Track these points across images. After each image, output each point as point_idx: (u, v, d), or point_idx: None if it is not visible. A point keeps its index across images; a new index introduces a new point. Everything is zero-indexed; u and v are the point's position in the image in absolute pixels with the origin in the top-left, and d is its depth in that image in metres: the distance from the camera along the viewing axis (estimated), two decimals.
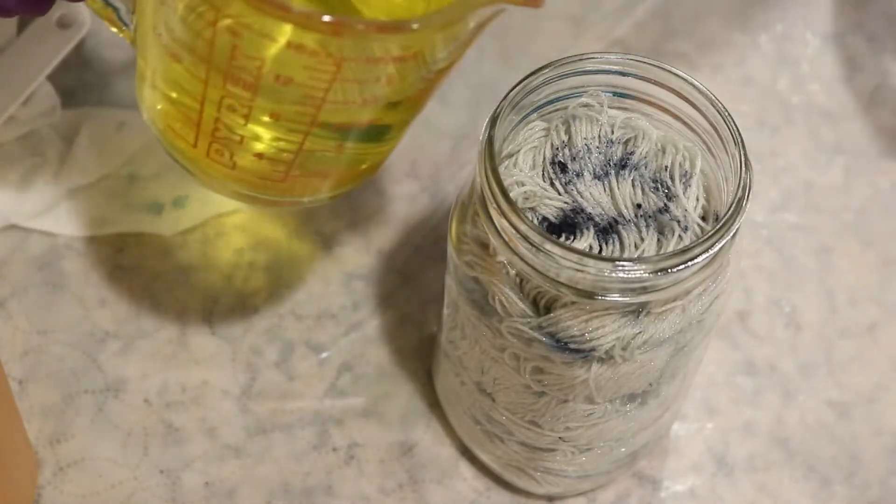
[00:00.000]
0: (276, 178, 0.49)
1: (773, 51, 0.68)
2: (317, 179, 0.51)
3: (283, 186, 0.50)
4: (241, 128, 0.47)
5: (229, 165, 0.49)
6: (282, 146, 0.48)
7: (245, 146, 0.48)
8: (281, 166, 0.49)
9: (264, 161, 0.48)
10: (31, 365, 0.57)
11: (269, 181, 0.49)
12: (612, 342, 0.45)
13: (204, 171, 0.50)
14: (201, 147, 0.49)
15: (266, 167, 0.49)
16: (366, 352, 0.58)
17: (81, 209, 0.60)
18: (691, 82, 0.46)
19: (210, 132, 0.48)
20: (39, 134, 0.61)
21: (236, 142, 0.48)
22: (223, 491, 0.54)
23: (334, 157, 0.49)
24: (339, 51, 0.43)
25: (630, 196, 0.46)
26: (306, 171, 0.50)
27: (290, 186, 0.50)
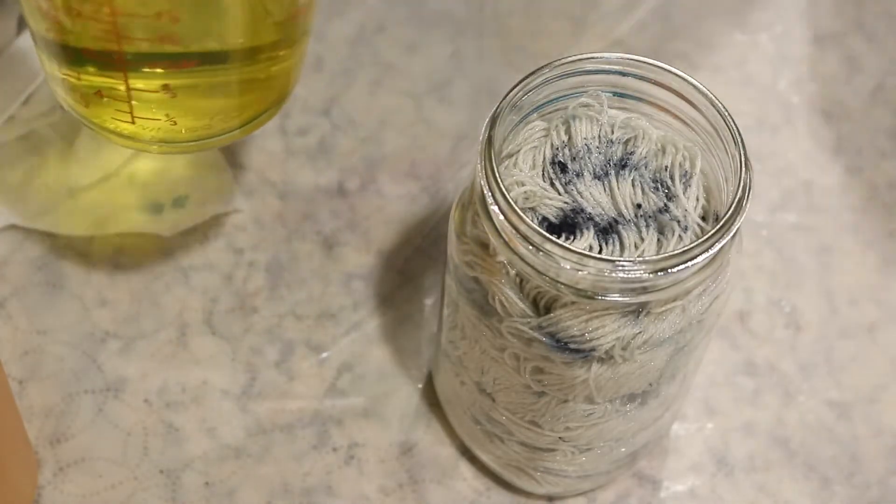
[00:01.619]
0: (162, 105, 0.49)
1: (773, 51, 0.68)
2: (206, 102, 0.51)
3: (181, 116, 0.50)
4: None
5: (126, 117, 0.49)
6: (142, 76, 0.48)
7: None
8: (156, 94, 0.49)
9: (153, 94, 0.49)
10: (31, 365, 0.57)
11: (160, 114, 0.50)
12: (612, 342, 0.45)
13: (93, 115, 0.51)
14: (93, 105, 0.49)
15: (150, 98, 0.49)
16: (366, 352, 0.58)
17: (81, 209, 0.60)
18: (691, 82, 0.46)
19: (86, 84, 0.48)
20: (39, 134, 0.61)
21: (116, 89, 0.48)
22: (223, 491, 0.54)
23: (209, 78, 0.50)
24: None
25: (630, 196, 0.46)
26: (191, 94, 0.50)
27: (184, 112, 0.50)
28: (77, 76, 0.50)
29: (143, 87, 0.49)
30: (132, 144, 0.53)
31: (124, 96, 0.50)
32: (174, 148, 0.53)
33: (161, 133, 0.51)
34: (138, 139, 0.52)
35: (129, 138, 0.52)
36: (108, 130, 0.52)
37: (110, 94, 0.50)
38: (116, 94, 0.49)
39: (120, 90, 0.49)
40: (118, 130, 0.52)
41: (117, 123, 0.51)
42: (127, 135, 0.52)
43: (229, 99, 0.52)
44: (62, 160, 0.60)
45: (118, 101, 0.50)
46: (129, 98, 0.50)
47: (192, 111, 0.51)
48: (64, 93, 0.51)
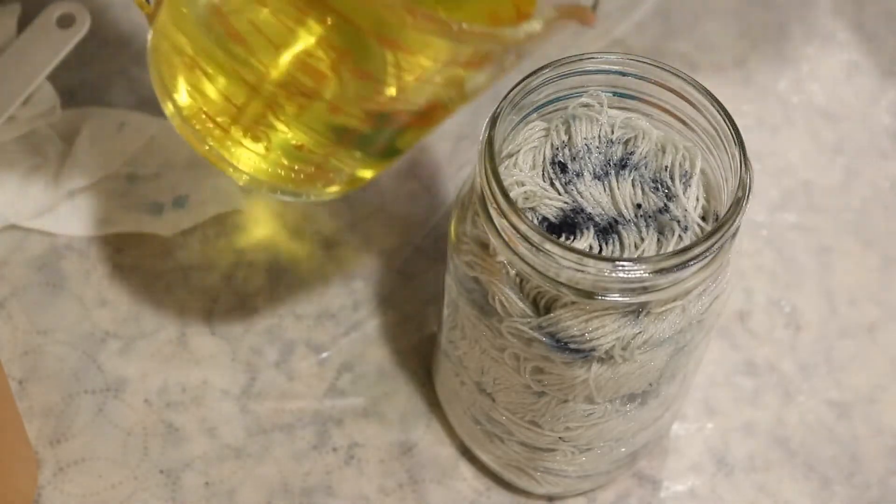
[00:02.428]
0: (303, 169, 0.49)
1: (773, 51, 0.68)
2: (333, 175, 0.50)
3: (304, 179, 0.49)
4: (292, 117, 0.46)
5: (261, 152, 0.48)
6: (324, 140, 0.47)
7: (288, 135, 0.47)
8: (316, 158, 0.48)
9: (303, 151, 0.48)
10: (31, 365, 0.57)
11: (292, 172, 0.49)
12: (611, 342, 0.45)
13: (230, 155, 0.49)
14: (235, 131, 0.48)
15: (300, 157, 0.48)
16: (366, 352, 0.58)
17: (81, 209, 0.60)
18: (691, 82, 0.46)
19: (256, 116, 0.47)
20: (39, 134, 0.61)
21: (280, 129, 0.47)
22: (223, 491, 0.54)
23: (362, 157, 0.49)
24: (439, 54, 0.42)
25: (630, 196, 0.46)
26: (328, 167, 0.49)
27: (310, 179, 0.50)
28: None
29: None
30: (228, 170, 0.51)
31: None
32: (262, 187, 0.52)
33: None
34: (241, 169, 0.51)
35: (238, 165, 0.51)
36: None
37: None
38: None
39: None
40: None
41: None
42: (240, 162, 0.51)
43: (352, 173, 0.52)
44: (62, 160, 0.60)
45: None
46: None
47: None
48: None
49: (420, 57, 0.43)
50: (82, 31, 0.61)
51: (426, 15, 0.40)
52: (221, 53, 0.46)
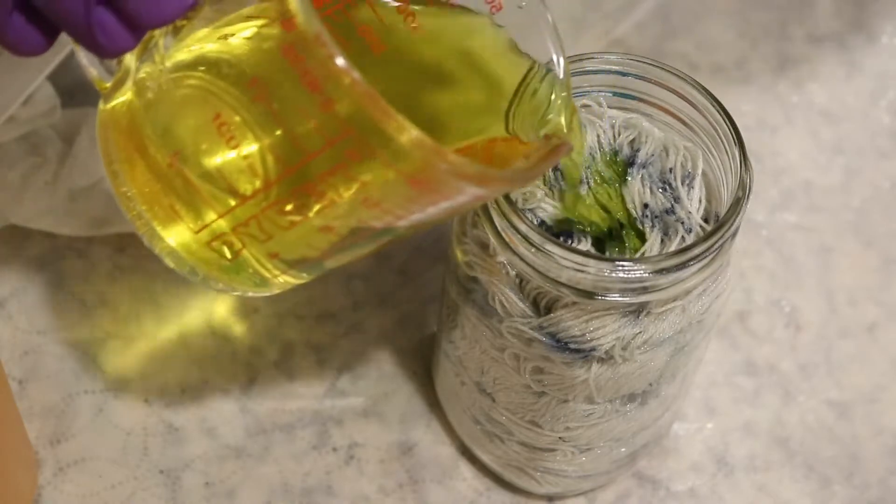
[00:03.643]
0: (267, 277, 0.45)
1: (772, 51, 0.68)
2: (301, 278, 0.46)
3: (267, 283, 0.45)
4: (281, 229, 0.42)
5: (227, 257, 0.44)
6: (312, 250, 0.43)
7: (269, 245, 0.43)
8: (290, 269, 0.44)
9: (275, 261, 0.44)
10: (31, 365, 0.57)
11: (257, 278, 0.45)
12: (612, 342, 0.45)
13: (189, 255, 0.45)
14: (202, 235, 0.43)
15: (272, 267, 0.44)
16: (366, 352, 0.58)
17: (81, 209, 0.60)
18: (691, 82, 0.46)
19: (236, 225, 0.42)
20: (39, 134, 0.61)
21: (261, 239, 0.42)
22: (223, 491, 0.54)
23: (335, 263, 0.45)
24: (455, 191, 0.39)
25: (639, 194, 0.46)
26: (304, 272, 0.45)
27: (274, 284, 0.46)
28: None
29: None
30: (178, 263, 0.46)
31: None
32: (210, 286, 0.47)
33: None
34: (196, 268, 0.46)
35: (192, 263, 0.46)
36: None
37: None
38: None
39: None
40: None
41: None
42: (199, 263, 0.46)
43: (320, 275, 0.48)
44: (62, 160, 0.60)
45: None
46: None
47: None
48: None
49: (436, 196, 0.40)
50: None
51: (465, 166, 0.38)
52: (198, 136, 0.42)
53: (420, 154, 0.37)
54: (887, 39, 0.69)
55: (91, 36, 0.39)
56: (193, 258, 0.45)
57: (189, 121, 0.42)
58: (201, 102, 0.41)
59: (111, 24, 0.40)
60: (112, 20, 0.39)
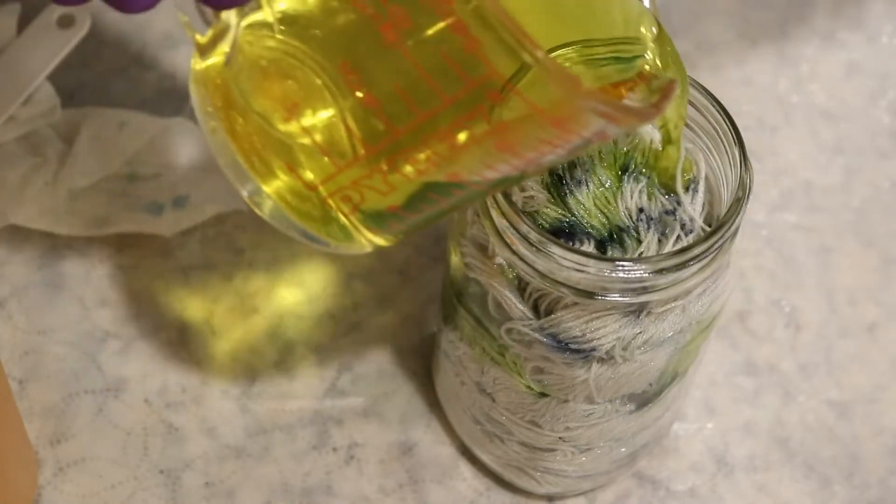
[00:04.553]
0: (385, 229, 0.44)
1: (773, 51, 0.68)
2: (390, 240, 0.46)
3: (376, 237, 0.45)
4: (409, 178, 0.41)
5: (347, 211, 0.43)
6: (429, 201, 0.42)
7: (390, 193, 0.42)
8: (401, 222, 0.43)
9: (391, 214, 0.43)
10: (31, 365, 0.57)
11: (371, 232, 0.44)
12: (612, 342, 0.45)
13: (313, 209, 0.44)
14: (331, 185, 0.42)
15: (387, 220, 0.43)
16: (366, 352, 0.58)
17: (81, 209, 0.60)
18: (691, 82, 0.46)
19: (367, 173, 0.41)
20: (39, 134, 0.61)
21: (382, 191, 0.42)
22: (223, 491, 0.54)
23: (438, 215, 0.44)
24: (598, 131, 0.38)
25: (635, 201, 0.46)
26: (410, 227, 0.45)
27: (377, 237, 0.45)
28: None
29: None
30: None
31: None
32: (318, 244, 0.46)
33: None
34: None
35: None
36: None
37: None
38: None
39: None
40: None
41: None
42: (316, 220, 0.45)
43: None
44: (62, 160, 0.60)
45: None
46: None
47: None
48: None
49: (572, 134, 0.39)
50: (82, 31, 0.61)
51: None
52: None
53: (564, 88, 0.36)
54: (887, 39, 0.69)
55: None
56: (293, 210, 0.44)
57: (295, 81, 0.41)
58: (309, 60, 0.40)
59: None
60: None
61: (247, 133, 0.43)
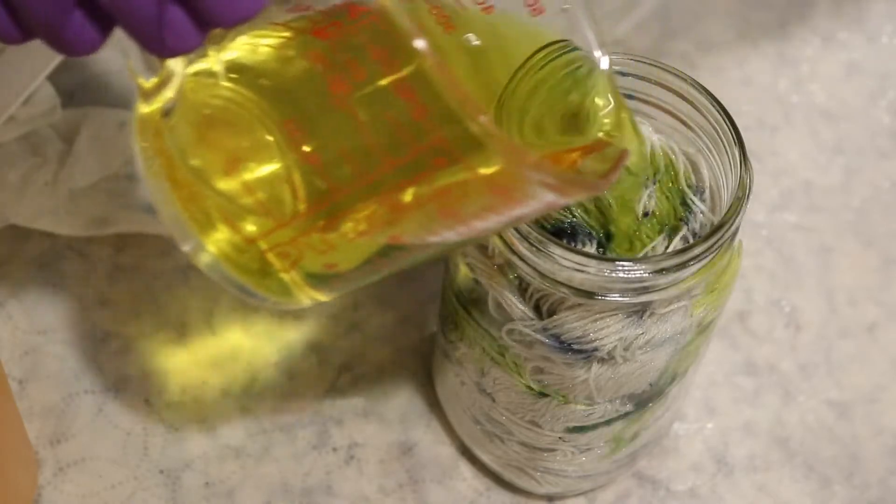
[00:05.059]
0: (325, 286, 0.43)
1: (772, 51, 0.68)
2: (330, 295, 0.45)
3: (292, 295, 0.44)
4: (348, 238, 0.40)
5: (286, 267, 0.42)
6: (370, 262, 0.42)
7: (328, 252, 0.41)
8: (342, 281, 0.43)
9: (329, 273, 0.42)
10: (31, 365, 0.57)
11: (310, 288, 0.44)
12: (614, 342, 0.45)
13: (226, 261, 0.43)
14: (269, 240, 0.42)
15: (327, 279, 0.43)
16: (366, 352, 0.58)
17: (81, 209, 0.60)
18: (691, 82, 0.46)
19: (307, 231, 0.40)
20: (39, 134, 0.61)
21: (321, 250, 0.41)
22: (223, 491, 0.54)
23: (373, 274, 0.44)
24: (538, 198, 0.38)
25: (643, 204, 0.46)
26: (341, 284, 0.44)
27: (301, 298, 0.44)
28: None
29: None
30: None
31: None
32: (248, 298, 0.45)
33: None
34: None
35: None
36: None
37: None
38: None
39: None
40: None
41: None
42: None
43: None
44: (62, 160, 0.60)
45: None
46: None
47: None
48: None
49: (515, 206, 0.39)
50: None
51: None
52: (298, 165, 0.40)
53: (508, 158, 0.36)
54: (887, 39, 0.69)
55: (158, 33, 0.37)
56: (231, 264, 0.43)
57: (238, 133, 0.40)
58: (252, 113, 0.40)
59: (182, 21, 0.37)
60: (183, 17, 0.37)
61: (187, 183, 0.42)
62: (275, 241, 0.41)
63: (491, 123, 0.35)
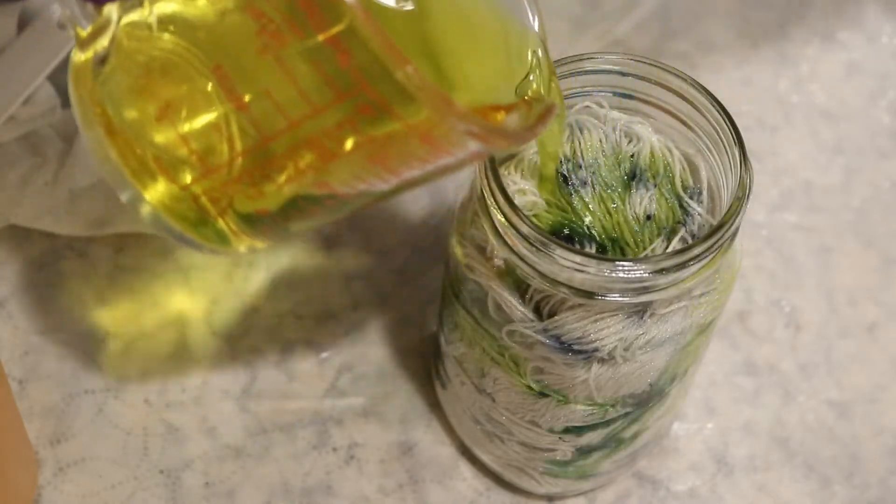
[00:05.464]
0: (259, 232, 0.44)
1: (773, 51, 0.68)
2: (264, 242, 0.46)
3: (229, 242, 0.45)
4: (278, 185, 0.41)
5: (219, 213, 0.43)
6: (299, 209, 0.43)
7: (260, 198, 0.42)
8: (274, 226, 0.44)
9: (262, 219, 0.43)
10: (31, 365, 0.57)
11: (245, 234, 0.44)
12: (615, 343, 0.45)
13: (161, 206, 0.44)
14: (202, 186, 0.43)
15: (259, 224, 0.44)
16: (366, 352, 0.58)
17: (81, 209, 0.60)
18: (691, 82, 0.46)
19: (238, 177, 0.41)
20: (39, 134, 0.61)
21: (252, 196, 0.42)
22: (223, 491, 0.54)
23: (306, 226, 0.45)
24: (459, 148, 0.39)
25: (644, 207, 0.46)
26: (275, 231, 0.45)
27: (239, 244, 0.45)
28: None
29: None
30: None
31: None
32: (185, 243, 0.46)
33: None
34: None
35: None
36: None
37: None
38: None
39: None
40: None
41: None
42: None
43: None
44: (62, 160, 0.60)
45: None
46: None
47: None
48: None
49: (442, 154, 0.40)
50: None
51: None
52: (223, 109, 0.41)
53: (434, 106, 0.36)
54: (887, 39, 0.69)
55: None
56: (168, 212, 0.44)
57: (171, 83, 0.41)
58: (185, 61, 0.40)
59: None
60: None
61: (122, 132, 0.43)
62: (208, 188, 0.42)
63: (418, 73, 0.36)
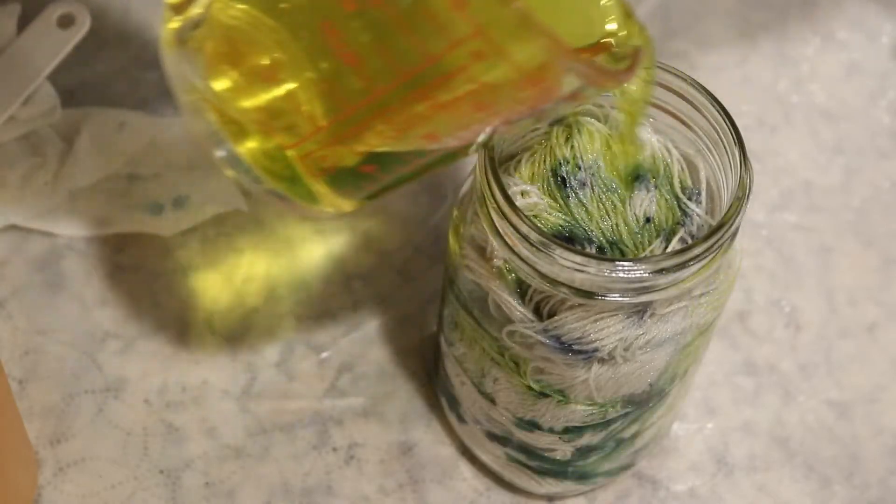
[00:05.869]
0: (356, 190, 0.45)
1: (772, 51, 0.68)
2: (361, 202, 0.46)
3: (346, 196, 0.45)
4: (385, 137, 0.41)
5: (308, 173, 0.43)
6: (402, 162, 0.43)
7: (350, 156, 0.42)
8: (373, 183, 0.44)
9: (369, 176, 0.43)
10: (31, 365, 0.57)
11: (337, 195, 0.45)
12: (615, 343, 0.45)
13: (256, 164, 0.44)
14: (302, 148, 0.42)
15: (359, 181, 0.44)
16: (366, 352, 0.58)
17: (81, 209, 0.60)
18: (691, 82, 0.46)
19: (344, 134, 0.41)
20: (39, 134, 0.61)
21: (359, 151, 0.42)
22: (223, 491, 0.54)
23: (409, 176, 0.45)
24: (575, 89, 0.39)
25: (644, 209, 0.46)
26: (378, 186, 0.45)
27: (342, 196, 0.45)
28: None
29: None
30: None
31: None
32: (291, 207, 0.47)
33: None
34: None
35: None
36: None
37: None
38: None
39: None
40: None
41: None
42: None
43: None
44: (62, 160, 0.60)
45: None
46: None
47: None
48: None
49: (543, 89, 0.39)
50: (82, 31, 0.61)
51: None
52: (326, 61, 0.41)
53: (547, 46, 0.36)
54: (887, 39, 0.69)
55: None
56: (264, 170, 0.44)
57: (264, 50, 0.41)
58: (283, 24, 0.40)
59: None
60: None
61: (221, 93, 0.43)
62: (307, 148, 0.42)
63: (530, 11, 0.35)
